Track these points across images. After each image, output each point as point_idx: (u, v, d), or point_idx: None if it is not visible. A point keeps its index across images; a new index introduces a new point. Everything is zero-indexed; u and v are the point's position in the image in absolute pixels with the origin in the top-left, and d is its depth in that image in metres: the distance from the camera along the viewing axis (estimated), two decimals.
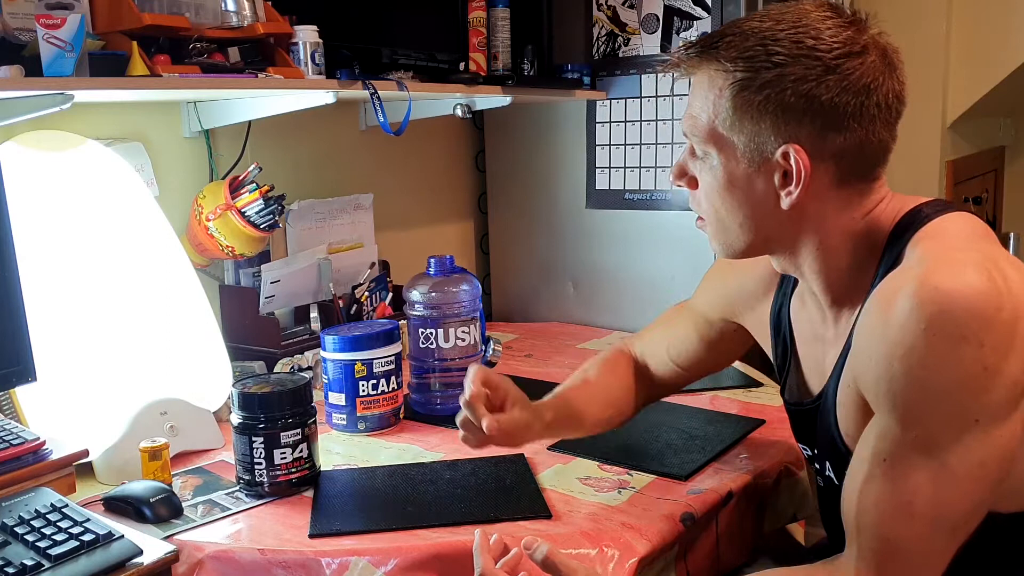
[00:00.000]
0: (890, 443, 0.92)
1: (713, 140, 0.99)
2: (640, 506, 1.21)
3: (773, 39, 0.94)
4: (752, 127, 0.96)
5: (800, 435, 1.18)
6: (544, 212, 2.38)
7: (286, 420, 1.27)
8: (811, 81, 0.93)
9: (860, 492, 0.94)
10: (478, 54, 2.00)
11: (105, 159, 1.51)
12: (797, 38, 0.93)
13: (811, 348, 1.13)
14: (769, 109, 0.94)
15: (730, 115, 0.96)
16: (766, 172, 0.97)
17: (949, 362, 0.87)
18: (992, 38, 2.82)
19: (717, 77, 0.96)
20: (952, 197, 2.99)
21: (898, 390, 0.90)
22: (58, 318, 1.35)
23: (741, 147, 0.97)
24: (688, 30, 2.08)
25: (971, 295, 0.86)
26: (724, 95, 0.96)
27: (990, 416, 0.88)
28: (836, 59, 0.93)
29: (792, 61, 0.93)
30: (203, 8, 1.41)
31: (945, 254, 0.92)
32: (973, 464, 0.89)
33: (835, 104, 0.93)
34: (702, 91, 0.98)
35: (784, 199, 0.98)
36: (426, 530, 1.15)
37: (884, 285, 0.94)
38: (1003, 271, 0.89)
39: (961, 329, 0.86)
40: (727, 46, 0.95)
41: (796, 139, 0.95)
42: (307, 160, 2.04)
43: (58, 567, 0.94)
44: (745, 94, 0.95)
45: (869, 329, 0.95)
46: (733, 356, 1.36)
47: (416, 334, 1.60)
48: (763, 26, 0.95)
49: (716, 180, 1.00)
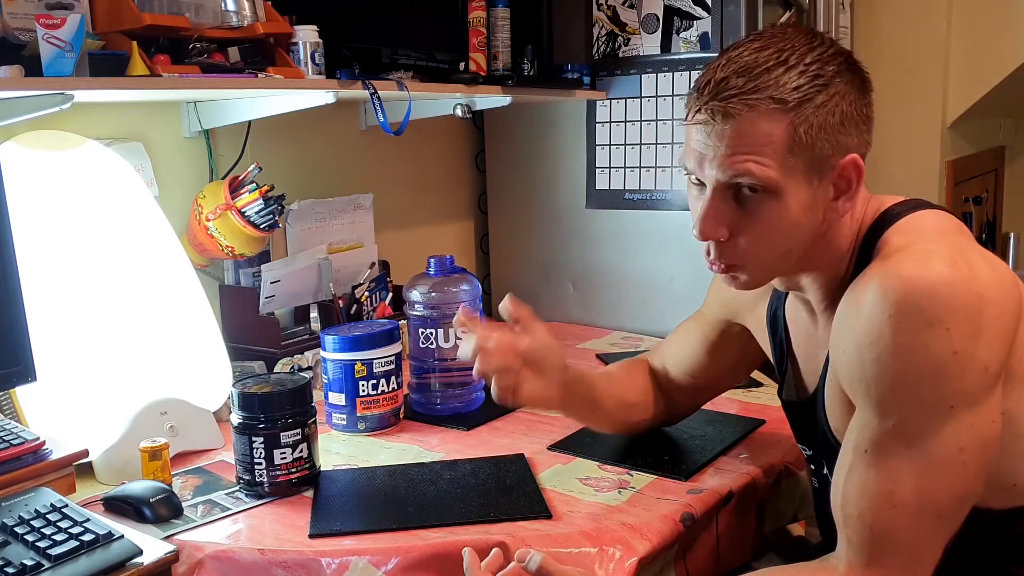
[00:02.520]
0: (870, 434, 0.94)
1: (781, 173, 0.95)
2: (640, 506, 1.21)
3: (805, 63, 0.94)
4: (815, 147, 0.95)
5: (799, 435, 1.19)
6: (544, 212, 2.38)
7: (286, 420, 1.27)
8: (854, 92, 0.96)
9: (845, 483, 0.96)
10: (478, 54, 2.00)
11: (105, 159, 1.51)
12: (822, 58, 0.95)
13: (806, 348, 1.15)
14: (830, 125, 0.94)
15: (794, 142, 0.94)
16: (825, 187, 0.98)
17: (917, 349, 0.89)
18: (992, 38, 2.82)
19: (770, 114, 0.93)
20: (952, 197, 3.00)
21: (871, 380, 0.93)
22: (58, 318, 1.35)
23: (804, 169, 0.96)
24: (688, 30, 2.08)
25: (935, 282, 0.88)
26: (783, 127, 0.94)
27: (965, 402, 0.90)
28: (862, 72, 0.98)
29: (835, 78, 0.95)
30: (203, 8, 1.41)
31: (912, 247, 0.94)
32: (952, 450, 0.90)
33: (869, 111, 0.98)
34: (753, 132, 0.94)
35: (842, 206, 0.99)
36: (426, 530, 1.15)
37: (855, 281, 0.97)
38: (969, 260, 0.91)
39: (926, 315, 0.88)
40: (765, 85, 0.93)
41: (852, 148, 0.97)
42: (307, 160, 2.04)
43: (58, 567, 0.94)
44: (806, 119, 0.94)
45: (842, 324, 0.97)
46: (743, 364, 1.36)
47: (416, 334, 1.60)
48: (781, 57, 0.95)
49: (786, 212, 0.96)
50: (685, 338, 1.37)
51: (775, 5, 2.16)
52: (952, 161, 2.97)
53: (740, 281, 1.04)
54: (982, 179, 3.38)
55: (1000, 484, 0.96)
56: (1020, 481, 0.97)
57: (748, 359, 1.34)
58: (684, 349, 1.37)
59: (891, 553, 0.93)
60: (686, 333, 1.37)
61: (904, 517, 0.91)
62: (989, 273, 0.91)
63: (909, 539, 0.92)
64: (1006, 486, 0.97)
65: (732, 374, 1.39)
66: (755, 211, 0.97)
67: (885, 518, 0.92)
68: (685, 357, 1.36)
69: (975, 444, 0.91)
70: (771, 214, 0.96)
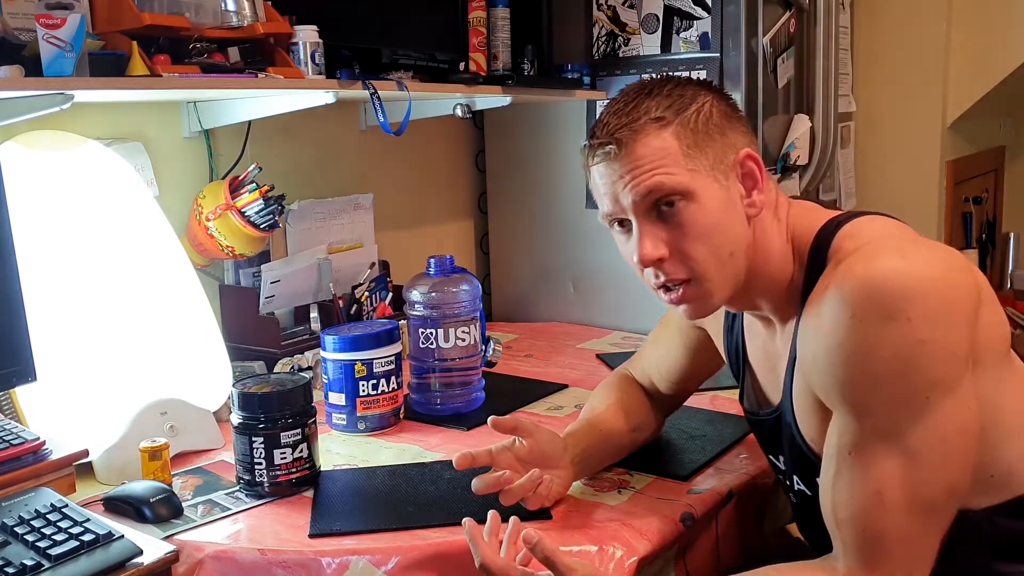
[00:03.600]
0: (851, 436, 0.95)
1: (688, 177, 1.00)
2: (640, 506, 1.21)
3: (667, 90, 1.04)
4: (707, 149, 1.02)
5: (767, 445, 1.20)
6: (544, 212, 2.38)
7: (286, 420, 1.27)
8: (719, 100, 1.05)
9: (833, 489, 0.97)
10: (478, 54, 2.00)
11: (105, 159, 1.51)
12: (678, 83, 1.05)
13: (764, 359, 1.17)
14: (712, 125, 1.02)
15: (687, 147, 1.01)
16: (734, 185, 1.03)
17: (882, 343, 0.90)
18: (992, 38, 2.82)
19: (655, 131, 1.01)
20: (952, 197, 3.00)
21: (844, 382, 0.94)
22: (58, 318, 1.35)
23: (707, 170, 1.01)
24: (688, 30, 2.08)
25: (890, 275, 0.90)
26: (671, 138, 1.01)
27: (939, 391, 0.91)
28: (718, 88, 1.08)
29: (696, 95, 1.04)
30: (203, 8, 1.41)
31: (863, 248, 0.96)
32: (934, 442, 0.91)
33: (740, 114, 1.07)
34: (648, 150, 1.01)
35: (757, 200, 1.04)
36: (426, 530, 1.15)
37: (815, 291, 1.00)
38: (919, 250, 0.94)
39: (886, 308, 0.89)
40: (640, 113, 1.02)
41: (741, 144, 1.04)
42: (307, 160, 2.04)
43: (58, 567, 0.94)
44: (687, 125, 1.01)
45: (808, 333, 1.00)
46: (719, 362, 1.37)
47: (416, 334, 1.60)
48: (644, 90, 1.05)
49: (707, 212, 1.01)
50: (668, 348, 1.37)
51: (775, 5, 2.16)
52: (952, 161, 2.97)
53: (695, 304, 1.06)
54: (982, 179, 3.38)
55: (977, 477, 0.96)
56: (997, 472, 0.98)
57: (721, 357, 1.35)
58: (667, 359, 1.37)
59: (888, 553, 0.93)
60: (667, 343, 1.38)
61: (895, 515, 0.92)
62: (941, 259, 0.93)
63: (903, 537, 0.93)
64: (983, 478, 0.97)
65: (707, 372, 1.40)
66: (681, 220, 1.01)
67: (877, 518, 0.92)
68: (668, 367, 1.37)
69: (956, 433, 0.92)
70: (696, 218, 1.01)
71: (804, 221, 1.07)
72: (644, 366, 1.41)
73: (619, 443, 1.32)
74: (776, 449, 1.17)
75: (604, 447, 1.30)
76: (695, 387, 1.42)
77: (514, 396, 1.69)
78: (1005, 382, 0.98)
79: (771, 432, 1.16)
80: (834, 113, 2.37)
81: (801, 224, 1.07)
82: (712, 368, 1.38)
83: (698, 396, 1.64)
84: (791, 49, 2.23)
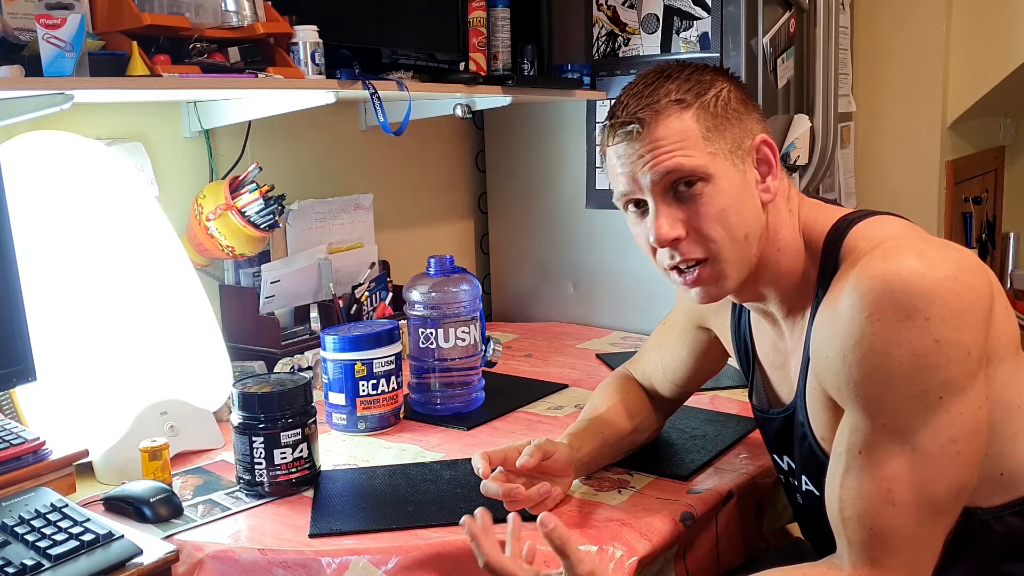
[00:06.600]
0: (861, 435, 0.94)
1: (707, 160, 1.01)
2: (640, 506, 1.21)
3: (685, 75, 1.05)
4: (725, 132, 1.03)
5: (775, 445, 1.20)
6: (544, 212, 2.38)
7: (286, 420, 1.27)
8: (735, 87, 1.06)
9: (841, 487, 0.96)
10: (478, 54, 2.00)
11: (105, 159, 1.51)
12: (696, 68, 1.06)
13: (773, 357, 1.17)
14: (730, 110, 1.03)
15: (706, 130, 1.02)
16: (749, 170, 1.04)
17: (899, 342, 0.90)
18: (992, 38, 2.82)
19: (676, 113, 1.02)
20: (952, 197, 3.00)
21: (858, 381, 0.93)
22: (58, 318, 1.35)
23: (725, 154, 1.02)
24: (688, 30, 2.08)
25: (907, 275, 0.90)
26: (691, 120, 1.02)
27: (952, 391, 0.90)
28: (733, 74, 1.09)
29: (713, 80, 1.05)
30: (203, 8, 1.41)
31: (879, 247, 0.96)
32: (945, 441, 0.91)
33: (755, 102, 1.08)
34: (668, 131, 1.02)
35: (772, 186, 1.04)
36: (426, 530, 1.15)
37: (831, 289, 0.99)
38: (935, 249, 0.94)
39: (904, 308, 0.89)
40: (661, 95, 1.03)
41: (757, 130, 1.05)
42: (307, 160, 2.04)
43: (58, 567, 0.94)
44: (707, 108, 1.03)
45: (823, 331, 0.99)
46: (720, 363, 1.38)
47: (416, 334, 1.60)
48: (663, 74, 1.05)
49: (724, 194, 1.01)
50: (672, 349, 1.37)
51: (775, 5, 2.16)
52: (952, 161, 2.98)
53: (709, 286, 1.05)
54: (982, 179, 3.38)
55: (987, 475, 0.96)
56: (1007, 469, 0.98)
57: (724, 358, 1.36)
58: (671, 361, 1.37)
59: (893, 552, 0.93)
60: (671, 344, 1.37)
61: (903, 515, 0.92)
62: (957, 258, 0.93)
63: (910, 536, 0.92)
64: (993, 476, 0.97)
65: (710, 373, 1.40)
66: (697, 201, 1.01)
67: (885, 517, 0.92)
68: (672, 368, 1.37)
69: (967, 433, 0.91)
70: (713, 199, 1.01)
71: (815, 217, 1.07)
72: (646, 367, 1.41)
73: (621, 444, 1.33)
74: (783, 449, 1.16)
75: (606, 448, 1.30)
76: (696, 389, 1.42)
77: (514, 396, 1.69)
78: (1016, 380, 0.98)
79: (779, 431, 1.16)
80: (834, 113, 2.36)
81: (812, 219, 1.07)
82: (715, 369, 1.38)
83: (698, 396, 1.64)
84: (791, 49, 2.23)
